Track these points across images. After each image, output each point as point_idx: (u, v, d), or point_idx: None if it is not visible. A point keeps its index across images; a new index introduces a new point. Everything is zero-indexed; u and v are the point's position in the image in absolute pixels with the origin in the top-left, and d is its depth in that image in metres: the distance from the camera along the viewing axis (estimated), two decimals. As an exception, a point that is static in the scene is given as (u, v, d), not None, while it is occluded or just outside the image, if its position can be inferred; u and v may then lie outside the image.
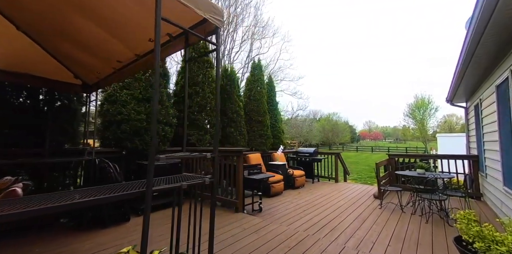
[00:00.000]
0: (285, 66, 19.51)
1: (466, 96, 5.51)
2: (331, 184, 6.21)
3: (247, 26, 15.21)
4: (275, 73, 19.05)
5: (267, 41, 16.42)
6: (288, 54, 21.74)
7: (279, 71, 19.09)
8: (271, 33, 16.78)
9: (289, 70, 21.00)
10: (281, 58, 18.97)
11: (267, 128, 6.01)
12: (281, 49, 18.45)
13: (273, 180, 4.60)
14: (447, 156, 4.86)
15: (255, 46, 16.25)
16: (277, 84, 19.44)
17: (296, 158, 6.75)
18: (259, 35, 15.83)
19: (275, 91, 7.14)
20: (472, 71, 3.70)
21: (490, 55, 3.08)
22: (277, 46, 22.84)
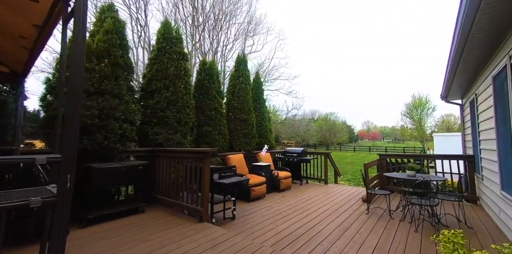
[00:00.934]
0: (280, 65, 19.22)
1: (461, 92, 5.19)
2: (320, 186, 5.87)
3: (239, 23, 14.87)
4: (270, 72, 18.74)
5: (261, 38, 16.09)
6: (283, 52, 21.49)
7: (274, 70, 18.77)
8: (264, 30, 16.46)
9: (285, 69, 20.66)
10: (276, 56, 18.70)
11: (252, 126, 5.66)
12: (275, 47, 18.10)
13: (253, 183, 4.25)
14: (440, 156, 4.53)
15: (249, 43, 15.91)
16: (271, 83, 19.13)
17: (284, 158, 6.40)
18: (251, 32, 15.48)
19: (262, 89, 6.80)
20: (465, 63, 3.37)
21: (484, 43, 2.74)
22: (271, 44, 22.47)
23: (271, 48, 18.92)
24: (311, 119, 47.95)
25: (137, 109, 3.20)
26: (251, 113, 5.68)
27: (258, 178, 4.53)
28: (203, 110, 4.37)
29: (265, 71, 18.51)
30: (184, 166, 2.96)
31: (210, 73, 4.56)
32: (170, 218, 2.87)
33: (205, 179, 2.69)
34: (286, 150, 6.65)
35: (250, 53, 16.66)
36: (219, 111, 4.63)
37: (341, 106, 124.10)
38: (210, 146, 4.34)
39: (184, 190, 3.05)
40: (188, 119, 3.73)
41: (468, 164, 4.23)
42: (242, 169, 4.79)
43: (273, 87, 19.99)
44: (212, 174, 2.93)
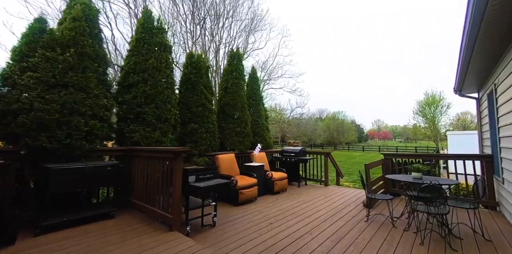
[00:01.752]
0: (284, 62, 18.70)
1: (478, 84, 4.63)
2: (319, 188, 5.46)
3: (241, 20, 14.56)
4: (273, 70, 18.34)
5: (263, 35, 15.70)
6: (287, 50, 20.98)
7: (277, 67, 18.35)
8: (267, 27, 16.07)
9: (289, 66, 20.03)
10: (280, 54, 18.23)
11: (246, 124, 5.32)
12: (279, 44, 17.65)
13: (242, 185, 3.92)
14: (453, 155, 4.02)
15: (251, 40, 15.58)
16: (275, 81, 18.72)
17: (281, 158, 6.03)
18: (254, 29, 15.13)
19: (259, 84, 6.45)
20: (482, 46, 2.88)
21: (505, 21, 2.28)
22: (275, 42, 21.92)
23: (274, 46, 18.48)
24: (318, 118, 47.08)
25: (109, 104, 2.94)
26: (244, 110, 5.34)
27: (248, 179, 4.19)
28: (189, 106, 4.08)
29: (269, 69, 18.16)
30: (160, 166, 2.67)
31: (198, 66, 4.26)
32: (139, 225, 2.58)
33: (176, 182, 2.39)
34: (283, 150, 6.27)
35: (253, 50, 16.34)
36: (208, 108, 4.33)
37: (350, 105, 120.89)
38: (196, 144, 4.05)
39: (160, 193, 2.76)
40: (169, 116, 3.44)
41: (486, 165, 3.72)
42: (232, 169, 4.48)
43: (277, 86, 19.60)
44: (187, 176, 2.62)
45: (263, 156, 5.47)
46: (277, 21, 25.63)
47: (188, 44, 12.53)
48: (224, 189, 4.02)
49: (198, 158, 4.02)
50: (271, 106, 22.27)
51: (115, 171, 2.69)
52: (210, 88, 4.59)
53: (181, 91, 4.16)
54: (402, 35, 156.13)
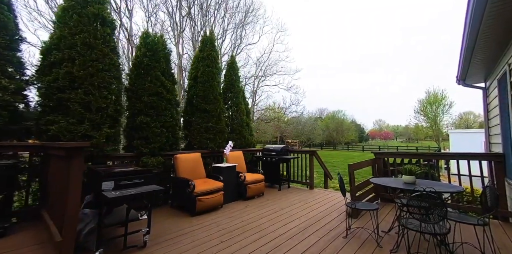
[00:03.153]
0: (280, 58, 18.11)
1: (484, 72, 3.95)
2: (302, 192, 4.79)
3: (232, 12, 13.90)
4: (268, 66, 17.68)
5: (256, 28, 15.01)
6: (283, 45, 20.26)
7: (272, 64, 17.69)
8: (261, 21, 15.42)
9: (285, 63, 19.46)
10: (275, 50, 17.54)
11: (219, 119, 4.67)
12: (274, 40, 17.04)
13: (202, 190, 3.27)
14: (455, 155, 3.34)
15: (244, 34, 14.91)
16: (270, 77, 18.06)
17: (262, 158, 5.38)
18: (246, 23, 14.47)
19: (238, 75, 5.79)
20: (492, 22, 2.22)
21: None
22: (270, 37, 21.13)
23: (269, 41, 17.79)
24: (318, 118, 46.30)
25: (14, 88, 2.31)
26: (218, 103, 4.68)
27: (212, 183, 3.54)
28: (139, 95, 3.42)
29: (264, 65, 17.50)
30: (62, 169, 2.02)
31: (154, 49, 3.60)
32: (29, 249, 1.95)
33: (72, 189, 1.74)
34: (265, 148, 5.61)
35: (246, 45, 15.70)
36: (166, 98, 3.67)
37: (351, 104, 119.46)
38: (147, 141, 3.40)
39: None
40: (104, 105, 2.79)
41: (496, 166, 3.04)
42: (195, 172, 3.82)
43: (272, 82, 18.95)
44: (101, 181, 1.97)
45: (238, 155, 4.81)
46: (271, 14, 24.68)
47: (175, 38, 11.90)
48: (182, 196, 3.38)
49: (150, 158, 3.37)
50: (269, 105, 21.58)
51: (7, 173, 2.05)
52: (171, 76, 3.93)
53: (130, 77, 3.51)
54: (399, 31, 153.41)
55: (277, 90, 36.70)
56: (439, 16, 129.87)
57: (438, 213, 1.74)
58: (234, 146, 5.30)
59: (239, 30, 14.44)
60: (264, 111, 22.03)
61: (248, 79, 17.24)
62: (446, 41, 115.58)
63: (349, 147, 37.47)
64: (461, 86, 4.61)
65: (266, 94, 27.16)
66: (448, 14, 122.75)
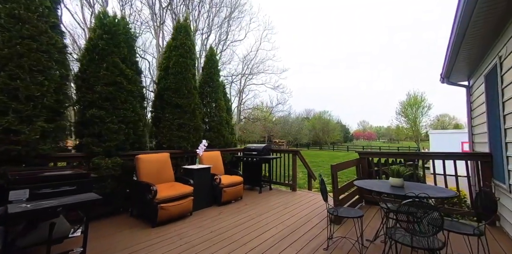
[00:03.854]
0: (268, 57, 17.82)
1: (468, 71, 3.85)
2: (284, 194, 4.47)
3: (218, 7, 13.39)
4: (256, 64, 17.34)
5: (242, 25, 14.59)
6: (270, 44, 19.95)
7: (259, 62, 17.37)
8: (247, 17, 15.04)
9: (272, 61, 19.20)
10: (262, 48, 17.23)
11: (193, 115, 4.21)
12: (261, 38, 16.72)
13: (165, 197, 2.81)
14: (441, 154, 3.17)
15: (230, 30, 14.44)
16: (256, 76, 17.73)
17: (242, 158, 4.99)
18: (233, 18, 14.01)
19: (218, 69, 5.36)
20: (483, 13, 2.00)
21: None
22: (256, 34, 20.75)
23: (256, 39, 17.44)
24: (305, 118, 46.73)
25: None
26: (192, 97, 4.23)
27: (180, 188, 3.10)
28: (92, 84, 2.90)
29: (251, 63, 17.14)
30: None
31: (112, 31, 3.09)
32: None
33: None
34: (245, 147, 5.23)
35: (232, 42, 15.24)
36: (126, 89, 3.17)
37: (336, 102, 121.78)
38: (100, 139, 2.88)
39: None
40: (38, 93, 2.26)
41: (482, 167, 2.88)
42: (163, 175, 3.36)
43: (259, 81, 18.64)
44: (8, 189, 1.48)
45: (215, 155, 4.39)
46: (257, 10, 24.22)
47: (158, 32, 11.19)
48: (142, 203, 2.90)
49: (104, 159, 2.86)
50: (257, 105, 21.22)
51: None
52: (134, 65, 3.44)
53: (82, 63, 2.97)
54: (384, 31, 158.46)
55: (264, 90, 36.60)
56: (423, 15, 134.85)
57: (433, 224, 1.45)
58: (212, 145, 4.88)
59: (224, 25, 13.96)
60: (251, 110, 21.70)
61: (235, 77, 16.81)
62: (430, 40, 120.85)
63: (335, 147, 38.13)
64: (444, 84, 4.52)
65: (254, 93, 26.80)
66: (432, 13, 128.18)
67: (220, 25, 14.04)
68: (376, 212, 3.32)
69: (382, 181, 2.57)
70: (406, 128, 39.91)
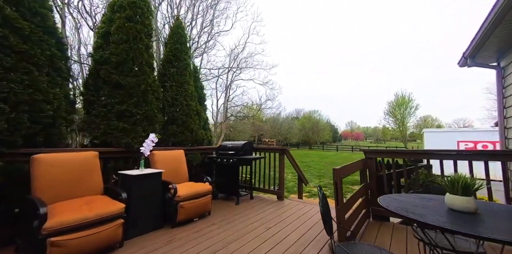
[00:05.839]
0: (256, 51, 16.78)
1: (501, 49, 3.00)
2: (268, 206, 3.44)
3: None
4: (244, 59, 16.24)
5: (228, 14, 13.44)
6: (259, 37, 18.90)
7: (248, 56, 16.29)
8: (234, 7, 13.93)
9: (261, 56, 18.17)
10: (250, 41, 16.16)
11: (144, 100, 3.07)
12: (249, 30, 15.63)
13: (62, 225, 1.68)
14: (467, 153, 2.24)
15: (215, 20, 13.24)
16: (244, 70, 16.64)
17: (216, 159, 3.89)
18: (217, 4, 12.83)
19: (186, 46, 4.22)
20: None
21: None
22: (244, 26, 19.62)
23: (244, 31, 16.38)
24: (295, 118, 46.17)
25: None
26: (143, 76, 3.09)
27: (98, 207, 1.96)
28: None
29: (239, 57, 16.02)
30: None
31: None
32: None
33: None
34: (220, 146, 4.15)
35: (218, 33, 14.05)
36: (15, 50, 2.00)
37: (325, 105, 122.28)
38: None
39: None
40: None
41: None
42: (79, 186, 2.21)
43: (247, 76, 17.59)
44: None
45: (175, 156, 3.28)
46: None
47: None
48: (28, 234, 1.75)
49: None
50: (246, 103, 20.04)
51: None
52: (40, 17, 2.26)
53: None
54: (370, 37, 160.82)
55: (253, 86, 35.43)
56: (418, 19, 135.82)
57: None
58: (175, 142, 3.76)
59: (210, 10, 12.75)
60: (239, 108, 20.57)
61: (221, 70, 15.62)
62: (420, 42, 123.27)
63: (324, 146, 37.80)
64: (465, 68, 3.67)
65: (242, 90, 25.69)
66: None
67: (205, 12, 12.83)
68: (390, 232, 2.35)
69: (424, 197, 1.56)
70: (393, 128, 40.44)
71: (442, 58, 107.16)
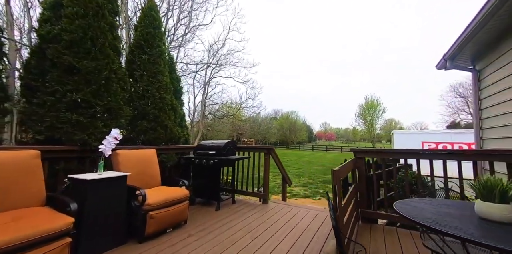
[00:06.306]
0: (237, 49, 16.21)
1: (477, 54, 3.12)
2: (252, 210, 3.13)
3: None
4: (224, 56, 15.67)
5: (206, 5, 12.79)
6: (239, 34, 18.43)
7: (228, 53, 15.77)
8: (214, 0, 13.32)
9: (241, 54, 17.80)
10: (230, 37, 15.61)
11: (105, 90, 2.53)
12: (230, 26, 15.11)
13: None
14: (470, 153, 2.23)
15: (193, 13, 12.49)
16: (224, 67, 16.11)
17: (194, 160, 3.46)
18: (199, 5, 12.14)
19: (161, 31, 3.70)
20: None
21: None
22: (224, 21, 19.08)
23: (224, 27, 15.77)
24: (273, 118, 46.67)
25: None
26: (106, 60, 2.55)
27: (36, 223, 1.46)
28: None
29: (219, 53, 15.40)
30: None
31: None
32: None
33: None
34: (198, 145, 3.73)
35: (196, 26, 13.31)
36: None
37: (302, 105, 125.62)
38: None
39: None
40: None
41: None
42: (16, 193, 1.65)
43: (227, 73, 17.06)
44: None
45: (145, 156, 2.79)
46: None
47: None
48: None
49: None
50: (226, 101, 19.37)
51: None
52: None
53: None
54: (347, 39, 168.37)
55: (233, 84, 34.81)
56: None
57: None
58: (146, 140, 3.25)
59: (188, 2, 11.98)
60: (218, 106, 19.90)
61: (199, 65, 14.86)
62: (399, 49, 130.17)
63: (301, 146, 38.79)
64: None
65: (221, 87, 24.99)
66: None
67: (181, 4, 12.01)
68: (377, 234, 2.22)
69: (440, 202, 1.39)
70: (362, 129, 43.33)
71: (410, 65, 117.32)
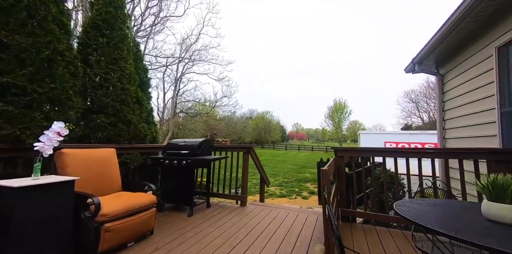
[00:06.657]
0: (212, 45, 15.61)
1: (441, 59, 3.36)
2: (229, 215, 2.87)
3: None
4: (197, 51, 14.92)
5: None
6: (214, 30, 17.79)
7: (202, 49, 15.07)
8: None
9: (216, 51, 17.13)
10: (205, 32, 14.93)
11: (48, 74, 2.02)
12: (204, 20, 14.45)
13: None
14: (451, 151, 2.33)
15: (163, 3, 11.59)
16: (198, 63, 15.37)
17: (163, 161, 3.03)
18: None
19: (124, 13, 3.20)
20: None
21: None
22: (198, 15, 18.16)
23: (198, 22, 15.02)
24: (248, 117, 46.61)
25: None
26: (47, 38, 2.03)
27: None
28: None
29: (192, 48, 14.61)
30: None
31: None
32: None
33: None
34: (168, 144, 3.33)
35: (167, 17, 12.39)
36: None
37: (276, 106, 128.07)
38: None
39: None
40: None
41: (494, 167, 2.17)
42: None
43: (201, 70, 16.33)
44: None
45: (102, 157, 2.33)
46: None
47: None
48: None
49: None
50: (199, 98, 18.45)
51: None
52: None
53: None
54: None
55: (207, 81, 33.66)
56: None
57: None
58: (104, 137, 2.75)
59: None
60: (190, 104, 18.94)
61: (170, 59, 13.89)
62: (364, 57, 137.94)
63: (275, 145, 39.47)
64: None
65: (195, 84, 23.93)
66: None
67: None
68: (366, 237, 2.19)
69: (432, 202, 1.32)
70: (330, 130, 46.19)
71: (374, 71, 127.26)
